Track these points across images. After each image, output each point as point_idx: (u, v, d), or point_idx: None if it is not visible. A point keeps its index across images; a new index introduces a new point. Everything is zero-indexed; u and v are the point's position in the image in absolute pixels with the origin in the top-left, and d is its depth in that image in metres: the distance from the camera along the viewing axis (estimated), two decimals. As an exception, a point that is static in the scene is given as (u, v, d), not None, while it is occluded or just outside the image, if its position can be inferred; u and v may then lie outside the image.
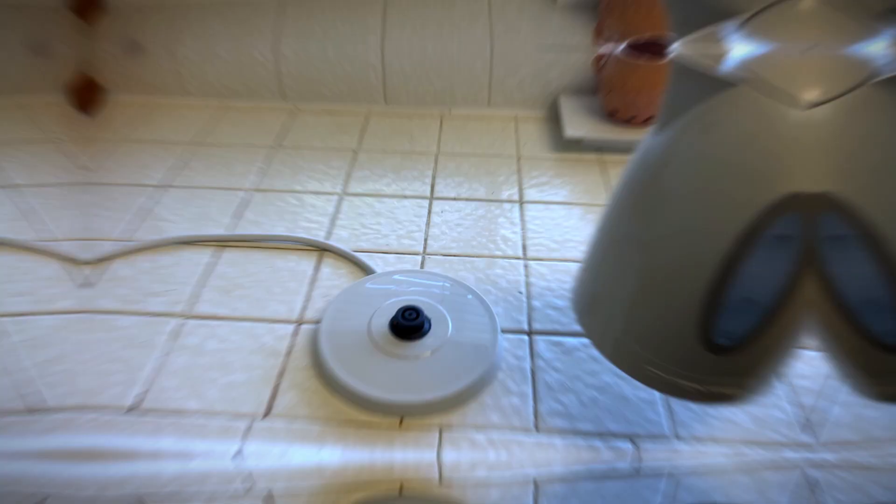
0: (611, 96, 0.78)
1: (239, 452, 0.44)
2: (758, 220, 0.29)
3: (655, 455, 0.44)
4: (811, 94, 0.28)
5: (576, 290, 0.41)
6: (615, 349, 0.39)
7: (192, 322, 0.54)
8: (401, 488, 0.43)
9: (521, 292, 0.57)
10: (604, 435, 0.46)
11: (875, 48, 0.28)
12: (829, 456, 0.44)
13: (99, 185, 0.72)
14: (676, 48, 0.31)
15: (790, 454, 0.45)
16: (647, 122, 0.78)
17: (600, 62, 0.79)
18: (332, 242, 0.63)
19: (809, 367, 0.51)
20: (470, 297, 0.55)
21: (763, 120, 0.29)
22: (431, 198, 0.71)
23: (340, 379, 0.48)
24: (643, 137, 0.35)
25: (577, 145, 0.79)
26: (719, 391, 0.36)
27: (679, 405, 0.48)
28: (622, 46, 0.75)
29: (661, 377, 0.36)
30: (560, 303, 0.56)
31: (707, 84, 0.30)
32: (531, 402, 0.48)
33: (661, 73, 0.73)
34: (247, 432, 0.45)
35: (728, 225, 0.30)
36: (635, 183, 0.35)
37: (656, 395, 0.48)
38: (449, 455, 0.44)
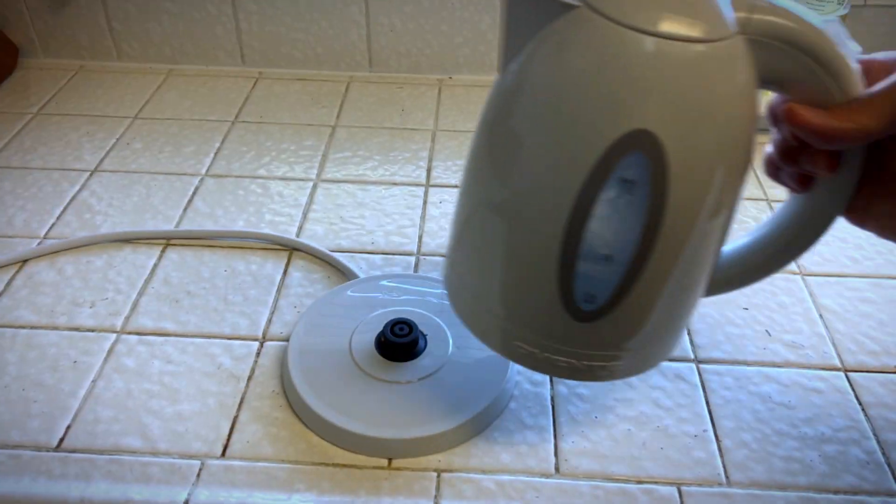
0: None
1: (188, 502, 0.44)
2: (602, 161, 0.33)
3: (705, 504, 0.44)
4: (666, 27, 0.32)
5: (446, 273, 0.44)
6: (486, 330, 0.42)
7: (130, 339, 0.54)
8: (389, 545, 0.43)
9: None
10: (641, 480, 0.46)
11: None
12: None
13: (10, 170, 0.72)
14: None
15: (871, 501, 0.45)
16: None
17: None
18: (305, 240, 0.63)
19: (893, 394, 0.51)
20: (475, 307, 0.55)
21: (606, 48, 0.32)
22: (427, 185, 0.71)
23: (314, 409, 0.48)
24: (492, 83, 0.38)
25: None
26: (595, 364, 0.40)
27: (731, 442, 0.48)
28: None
29: (533, 354, 0.40)
30: (587, 315, 0.56)
31: (548, 7, 0.33)
32: (551, 439, 0.48)
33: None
34: (199, 476, 0.45)
35: (575, 170, 0.33)
36: (482, 133, 0.38)
37: (706, 431, 0.48)
38: (449, 504, 0.44)
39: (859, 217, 0.40)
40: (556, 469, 0.46)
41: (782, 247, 0.42)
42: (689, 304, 0.41)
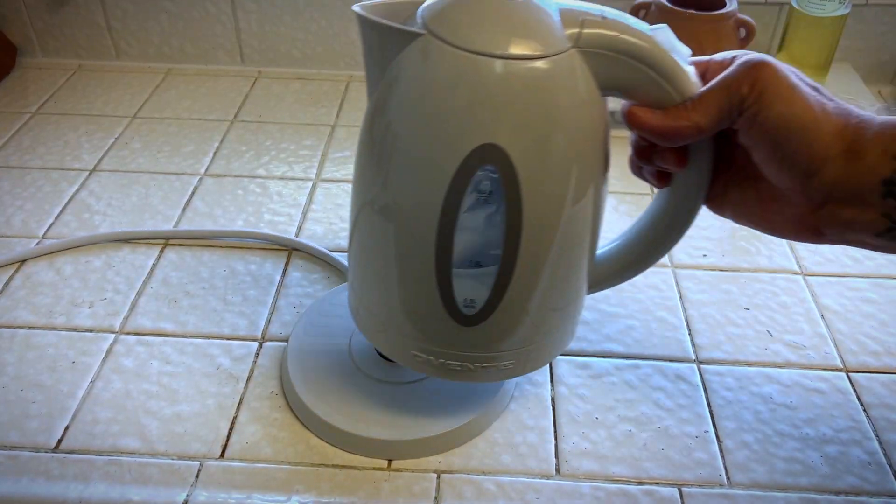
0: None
1: (186, 503, 0.44)
2: (460, 172, 0.36)
3: (706, 505, 0.44)
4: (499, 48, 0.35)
5: (349, 296, 0.47)
6: (385, 343, 0.45)
7: (129, 339, 0.54)
8: (389, 547, 0.43)
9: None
10: (642, 481, 0.46)
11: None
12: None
13: (9, 169, 0.72)
14: (360, 7, 0.37)
15: (873, 502, 0.45)
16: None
17: (638, 14, 0.79)
18: (304, 240, 0.63)
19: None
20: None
21: (450, 71, 0.35)
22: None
23: (313, 410, 0.47)
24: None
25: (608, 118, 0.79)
26: (490, 365, 0.43)
27: (732, 443, 0.47)
28: (664, -4, 0.75)
29: (430, 361, 0.43)
30: (587, 315, 0.56)
31: (397, 37, 0.36)
32: (552, 439, 0.48)
33: (712, 28, 0.73)
34: (197, 477, 0.45)
35: (437, 186, 0.36)
36: (358, 157, 0.41)
37: (707, 431, 0.48)
38: (449, 505, 0.44)
39: (717, 205, 0.42)
40: (557, 470, 0.46)
41: (654, 241, 0.44)
42: (570, 300, 0.43)
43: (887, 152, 0.35)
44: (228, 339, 0.54)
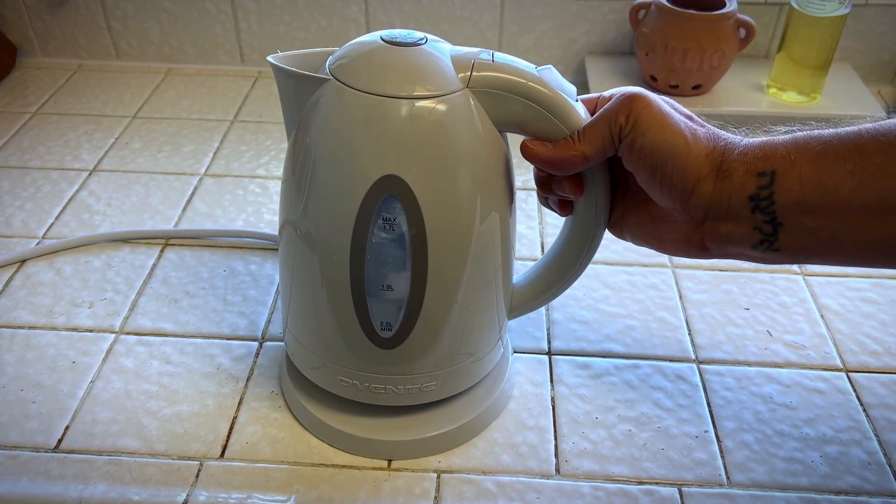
0: (650, 58, 0.77)
1: (186, 503, 0.44)
2: (365, 202, 0.39)
3: (706, 505, 0.44)
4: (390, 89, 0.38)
5: (284, 330, 0.49)
6: (314, 370, 0.47)
7: (129, 339, 0.54)
8: (389, 547, 0.43)
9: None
10: (642, 480, 0.46)
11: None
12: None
13: (9, 169, 0.72)
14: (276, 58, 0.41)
15: (873, 502, 0.45)
16: (694, 89, 0.78)
17: (637, 14, 0.79)
18: (304, 240, 0.63)
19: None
20: (475, 307, 0.55)
21: (354, 111, 0.39)
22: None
23: (313, 411, 0.47)
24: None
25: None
26: (414, 387, 0.45)
27: (732, 443, 0.47)
28: (664, -4, 0.75)
29: (355, 385, 0.45)
30: (587, 315, 0.56)
31: (309, 83, 0.40)
32: (551, 439, 0.48)
33: (712, 28, 0.73)
34: (197, 477, 0.45)
35: (345, 216, 0.40)
36: (284, 190, 0.44)
37: (707, 431, 0.48)
38: (449, 505, 0.44)
39: (618, 229, 0.45)
40: (557, 470, 0.46)
41: (565, 267, 0.47)
42: (487, 322, 0.46)
43: (750, 171, 0.38)
44: (228, 339, 0.54)
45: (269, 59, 0.41)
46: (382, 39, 0.40)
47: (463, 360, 0.46)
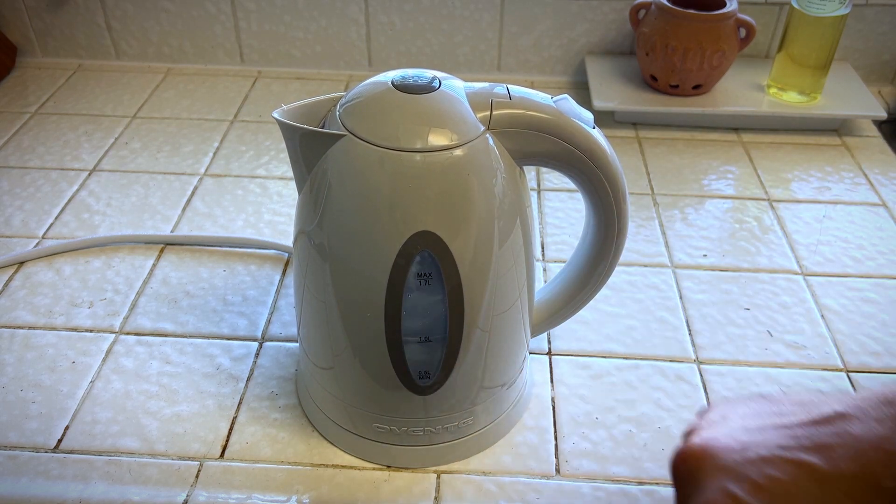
0: (650, 58, 0.77)
1: (187, 503, 0.44)
2: (398, 260, 0.38)
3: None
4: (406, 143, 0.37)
5: (298, 385, 0.50)
6: (347, 419, 0.46)
7: (128, 339, 0.54)
8: (389, 547, 0.43)
9: (538, 302, 0.57)
10: (643, 481, 0.45)
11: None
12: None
13: (8, 169, 0.72)
14: (280, 112, 0.40)
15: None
16: (695, 89, 0.78)
17: (637, 14, 0.79)
18: (304, 240, 0.63)
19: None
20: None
21: (376, 167, 0.37)
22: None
23: (314, 411, 0.47)
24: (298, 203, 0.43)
25: (608, 119, 0.79)
26: (451, 425, 0.45)
27: (736, 443, 0.47)
28: (664, -4, 0.75)
29: (392, 430, 0.45)
30: (588, 315, 0.56)
31: (321, 140, 0.39)
32: (552, 440, 0.48)
33: (712, 28, 0.73)
34: (197, 477, 0.45)
35: (379, 274, 0.39)
36: (299, 247, 0.43)
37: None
38: (449, 506, 0.44)
39: None
40: (557, 470, 0.46)
41: (581, 285, 0.47)
42: (516, 350, 0.46)
43: None
44: (228, 339, 0.54)
45: (275, 115, 0.39)
46: (394, 85, 0.39)
47: (498, 391, 0.46)
